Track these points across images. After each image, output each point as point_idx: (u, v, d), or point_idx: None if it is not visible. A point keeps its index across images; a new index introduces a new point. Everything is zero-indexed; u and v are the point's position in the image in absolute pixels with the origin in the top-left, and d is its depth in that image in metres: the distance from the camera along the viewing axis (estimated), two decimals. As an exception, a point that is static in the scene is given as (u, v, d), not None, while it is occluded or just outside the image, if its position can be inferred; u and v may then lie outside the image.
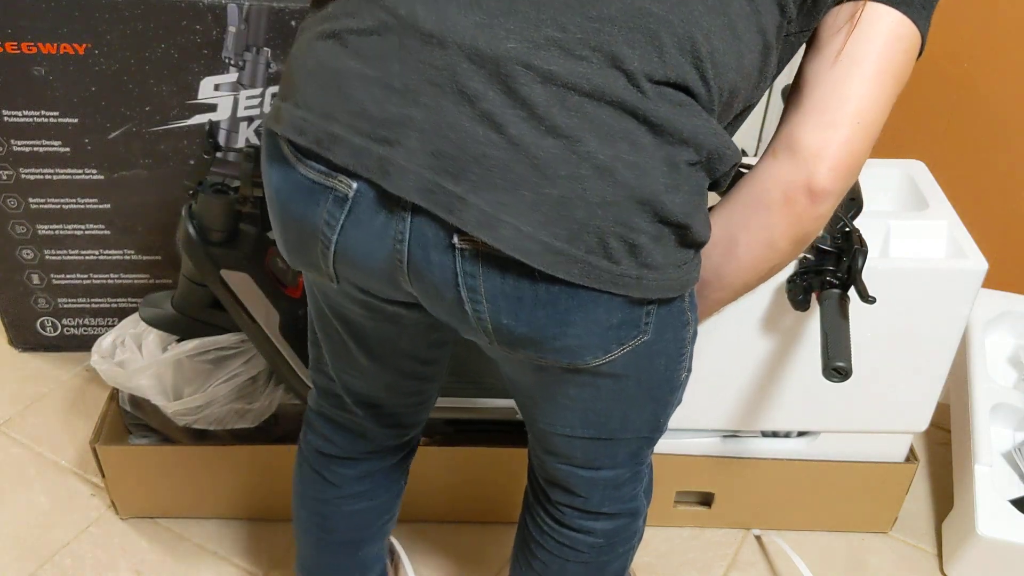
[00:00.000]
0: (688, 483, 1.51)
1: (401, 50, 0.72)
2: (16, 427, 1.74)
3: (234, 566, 1.50)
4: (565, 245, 0.72)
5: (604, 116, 0.71)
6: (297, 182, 0.78)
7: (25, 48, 1.51)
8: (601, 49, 0.71)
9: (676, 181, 0.74)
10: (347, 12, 0.76)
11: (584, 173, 0.71)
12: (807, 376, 1.34)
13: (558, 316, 0.76)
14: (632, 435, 0.96)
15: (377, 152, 0.73)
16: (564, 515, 1.04)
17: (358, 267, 0.80)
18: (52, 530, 1.55)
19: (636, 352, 0.83)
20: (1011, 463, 1.52)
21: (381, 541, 1.24)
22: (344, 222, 0.76)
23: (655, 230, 0.74)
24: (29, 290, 1.80)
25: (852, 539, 1.56)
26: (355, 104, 0.73)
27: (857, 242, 1.12)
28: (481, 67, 0.71)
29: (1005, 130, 1.69)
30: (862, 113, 0.78)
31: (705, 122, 0.75)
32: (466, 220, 0.71)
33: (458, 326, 0.82)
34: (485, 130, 0.71)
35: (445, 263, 0.75)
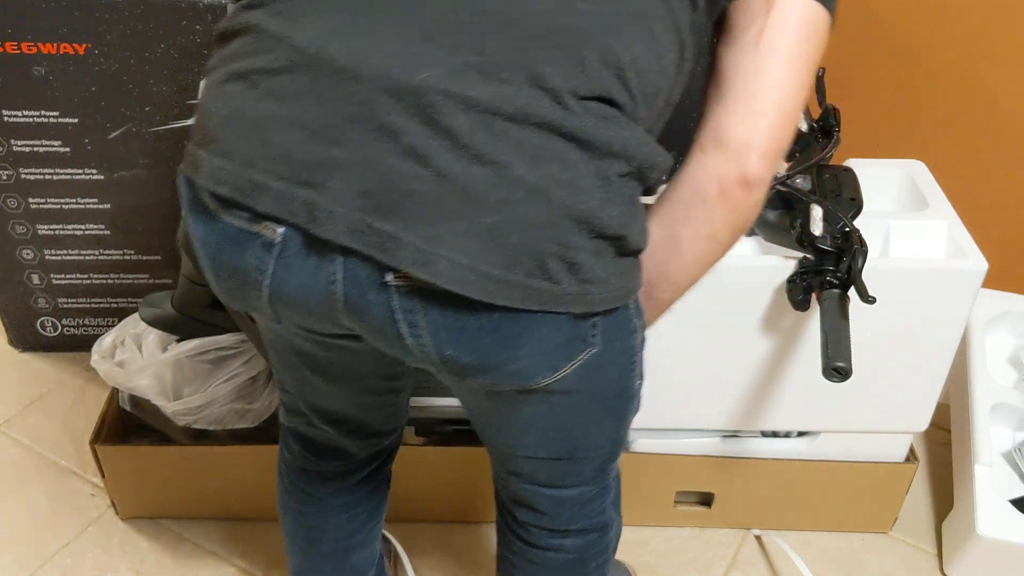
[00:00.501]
0: (688, 483, 1.51)
1: (315, 89, 0.70)
2: (16, 427, 1.74)
3: (234, 566, 1.50)
4: (503, 272, 0.71)
5: (531, 138, 0.70)
6: (222, 231, 0.75)
7: (25, 48, 1.51)
8: (522, 69, 0.69)
9: (609, 194, 0.73)
10: (254, 50, 0.73)
11: (517, 197, 0.70)
12: (807, 376, 1.34)
13: (505, 342, 0.75)
14: (595, 451, 0.96)
15: (302, 196, 0.70)
16: (531, 535, 1.04)
17: (295, 309, 0.78)
18: (52, 530, 1.55)
19: (587, 365, 0.82)
20: (1011, 463, 1.52)
21: (372, 544, 1.23)
22: (274, 267, 0.74)
23: (593, 245, 0.74)
24: (29, 290, 1.80)
25: (852, 539, 1.56)
26: (274, 149, 0.71)
27: (857, 242, 1.12)
28: (399, 100, 0.68)
29: (1005, 130, 1.69)
30: (784, 100, 0.79)
31: (633, 133, 0.74)
32: (400, 258, 0.70)
33: (404, 358, 0.80)
34: (411, 164, 0.69)
35: (382, 301, 0.73)
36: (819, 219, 1.15)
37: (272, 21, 0.73)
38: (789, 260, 1.22)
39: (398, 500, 1.53)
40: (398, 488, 1.51)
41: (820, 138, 1.28)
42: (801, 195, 1.19)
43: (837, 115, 1.28)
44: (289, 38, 0.71)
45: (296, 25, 0.72)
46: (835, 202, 1.22)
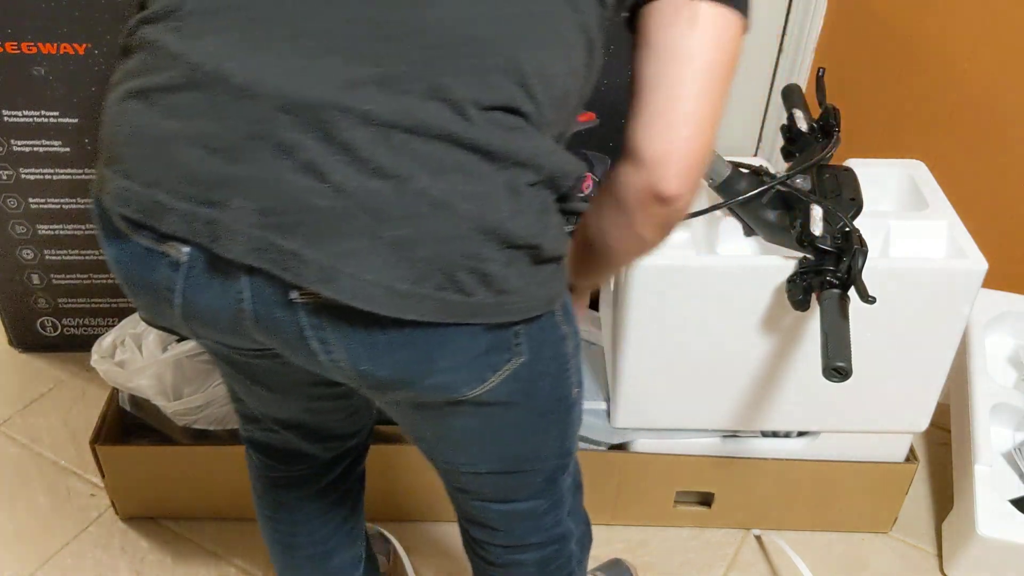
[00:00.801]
0: (688, 483, 1.51)
1: (213, 107, 0.69)
2: (16, 427, 1.74)
3: (234, 566, 1.50)
4: (411, 287, 0.70)
5: (432, 150, 0.69)
6: (132, 251, 0.75)
7: (25, 48, 1.51)
8: (421, 81, 0.68)
9: (519, 205, 0.72)
10: (152, 68, 0.72)
11: (421, 211, 0.69)
12: (807, 376, 1.34)
13: (420, 355, 0.74)
14: (541, 463, 0.95)
15: (204, 216, 0.70)
16: (489, 552, 1.04)
17: (209, 326, 0.78)
18: (52, 530, 1.55)
19: (517, 376, 0.81)
20: (1011, 463, 1.52)
21: (353, 548, 1.22)
22: (183, 286, 0.74)
23: (505, 256, 0.73)
24: (29, 290, 1.80)
25: (852, 539, 1.56)
26: (176, 169, 0.70)
27: (857, 242, 1.12)
28: (297, 116, 0.67)
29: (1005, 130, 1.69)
30: (697, 112, 0.77)
31: (541, 142, 0.73)
32: (302, 276, 0.69)
33: (322, 373, 0.79)
34: (310, 181, 0.68)
35: (289, 319, 0.73)
36: (819, 219, 1.15)
37: (169, 38, 0.72)
38: (789, 260, 1.22)
39: (398, 500, 1.53)
40: (398, 488, 1.51)
41: (820, 138, 1.28)
42: (801, 195, 1.20)
43: (837, 115, 1.28)
44: (186, 55, 0.70)
45: (193, 42, 0.71)
46: (835, 202, 1.22)
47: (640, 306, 1.28)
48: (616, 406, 1.41)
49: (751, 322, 1.29)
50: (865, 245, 1.12)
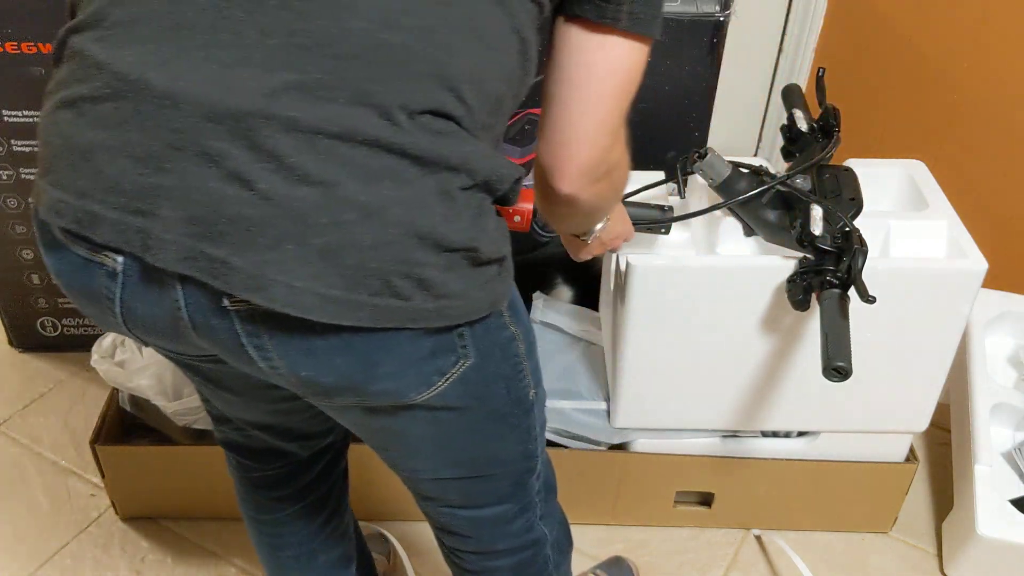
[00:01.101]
0: (688, 483, 1.51)
1: (138, 116, 0.69)
2: (16, 427, 1.74)
3: (234, 566, 1.50)
4: (343, 293, 0.70)
5: (360, 156, 0.68)
6: (71, 261, 0.76)
7: (25, 48, 1.51)
8: (346, 87, 0.68)
9: (453, 209, 0.72)
10: (79, 78, 0.72)
11: (348, 218, 0.68)
12: (807, 376, 1.34)
13: (360, 360, 0.74)
14: (504, 467, 0.95)
15: (135, 225, 0.70)
16: (463, 560, 1.04)
17: (151, 333, 0.78)
18: (52, 530, 1.55)
19: (466, 380, 0.81)
20: (1011, 463, 1.52)
21: (340, 546, 1.21)
22: (121, 295, 0.75)
23: (443, 261, 0.73)
24: (29, 290, 1.80)
25: (852, 539, 1.56)
26: (105, 179, 0.70)
27: (857, 242, 1.12)
28: (220, 124, 0.67)
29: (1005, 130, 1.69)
30: (588, 132, 0.81)
31: (473, 147, 0.73)
32: (232, 284, 0.69)
33: (265, 379, 0.79)
34: (236, 189, 0.68)
35: (225, 326, 0.73)
36: (819, 219, 1.15)
37: (95, 47, 0.72)
38: (789, 260, 1.22)
39: (398, 500, 1.53)
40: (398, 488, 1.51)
41: (820, 138, 1.28)
42: (801, 195, 1.20)
43: (837, 115, 1.28)
44: (111, 65, 0.70)
45: (118, 52, 0.71)
46: (835, 202, 1.22)
47: (640, 306, 1.28)
48: (616, 406, 1.41)
49: (751, 322, 1.29)
50: (865, 245, 1.12)
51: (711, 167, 1.20)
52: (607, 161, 0.84)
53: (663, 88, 1.52)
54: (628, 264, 1.24)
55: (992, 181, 1.74)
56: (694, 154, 1.21)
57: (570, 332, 1.59)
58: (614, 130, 0.83)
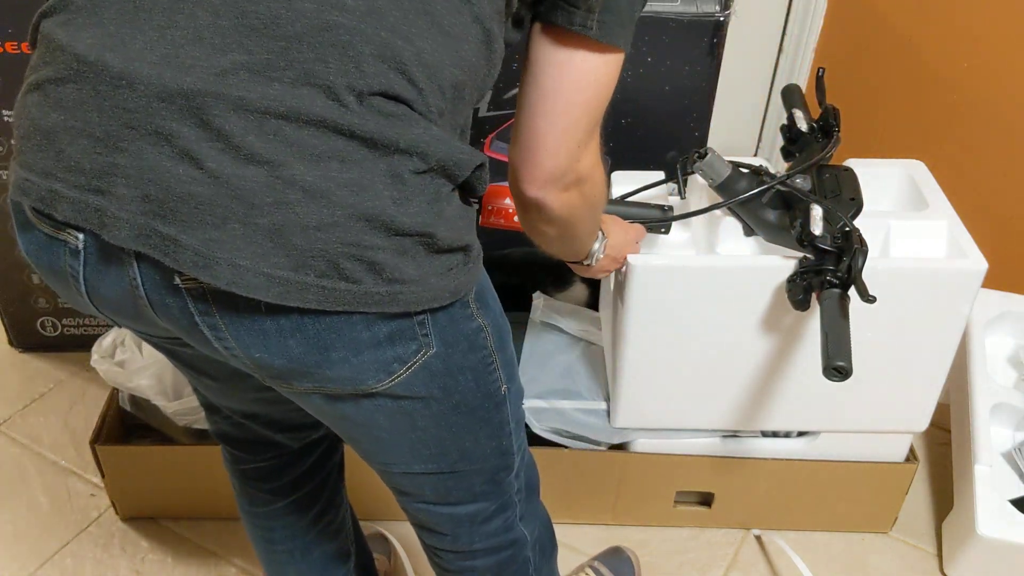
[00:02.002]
0: (688, 483, 1.52)
1: (96, 96, 0.71)
2: (16, 427, 1.75)
3: (234, 566, 1.50)
4: (290, 274, 0.70)
5: (306, 137, 0.69)
6: (38, 240, 0.78)
7: (25, 48, 1.51)
8: (293, 68, 0.69)
9: (404, 192, 0.72)
10: (46, 61, 0.75)
11: (293, 198, 0.69)
12: (807, 376, 1.34)
13: (311, 343, 0.74)
14: (477, 464, 0.94)
15: (93, 203, 0.72)
16: (442, 559, 1.03)
17: (116, 312, 0.79)
18: (52, 530, 1.55)
19: (430, 369, 0.81)
20: (1011, 463, 1.52)
21: (336, 540, 1.21)
22: (84, 272, 0.76)
23: (395, 244, 0.73)
24: (29, 290, 1.80)
25: (852, 539, 1.56)
26: (66, 158, 0.72)
27: (857, 242, 1.12)
28: (172, 103, 0.69)
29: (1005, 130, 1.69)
30: (555, 141, 0.82)
31: (424, 130, 0.73)
32: (181, 262, 0.70)
33: (223, 362, 0.80)
34: (186, 168, 0.69)
35: (179, 304, 0.74)
36: (819, 219, 1.15)
37: (59, 31, 0.74)
38: (789, 260, 1.22)
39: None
40: (398, 488, 1.51)
41: (820, 138, 1.28)
42: (801, 195, 1.20)
43: (837, 115, 1.28)
44: (71, 47, 0.73)
45: (77, 34, 0.73)
46: (835, 202, 1.22)
47: (640, 306, 1.28)
48: (616, 406, 1.41)
49: (751, 322, 1.29)
50: (865, 245, 1.12)
51: (711, 167, 1.20)
52: (574, 170, 0.85)
53: (663, 88, 1.52)
54: (628, 264, 1.24)
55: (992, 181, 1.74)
56: (694, 154, 1.21)
57: (570, 332, 1.59)
58: (582, 140, 0.83)
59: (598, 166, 0.89)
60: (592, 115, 0.83)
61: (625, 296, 1.27)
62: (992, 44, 1.63)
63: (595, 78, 0.81)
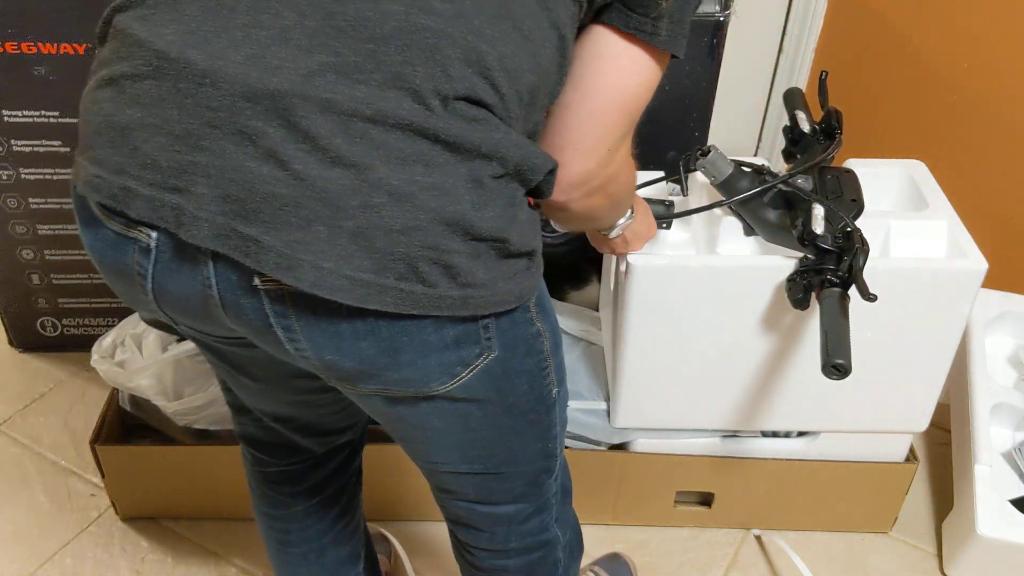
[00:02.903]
0: (688, 483, 1.52)
1: (177, 94, 0.70)
2: (16, 427, 1.74)
3: (234, 566, 1.50)
4: (372, 276, 0.70)
5: (392, 140, 0.69)
6: (105, 237, 0.77)
7: (25, 48, 1.51)
8: (381, 70, 0.69)
9: (483, 197, 0.72)
10: (122, 56, 0.74)
11: (378, 201, 0.69)
12: (807, 376, 1.34)
13: (383, 345, 0.74)
14: (522, 466, 0.94)
15: (170, 201, 0.71)
16: (475, 556, 1.03)
17: (181, 312, 0.79)
18: (52, 530, 1.55)
19: (490, 372, 0.81)
20: (1011, 463, 1.52)
21: (349, 543, 1.22)
22: (153, 271, 0.75)
23: (470, 248, 0.73)
24: (29, 290, 1.80)
25: (852, 539, 1.56)
26: (142, 156, 0.72)
27: (858, 241, 1.12)
28: (257, 103, 0.68)
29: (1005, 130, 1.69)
30: (580, 141, 0.81)
31: (505, 135, 0.73)
32: (263, 263, 0.69)
33: (291, 362, 0.80)
34: (270, 168, 0.68)
35: (254, 305, 0.73)
36: (821, 218, 1.15)
37: (137, 26, 0.73)
38: (789, 260, 1.22)
39: (398, 500, 1.53)
40: (398, 488, 1.51)
41: (822, 140, 1.28)
42: (803, 194, 1.20)
43: (839, 117, 1.28)
44: (151, 43, 0.72)
45: (158, 30, 0.72)
46: (836, 203, 1.22)
47: (640, 306, 1.28)
48: (616, 406, 1.41)
49: (751, 322, 1.29)
50: (866, 244, 1.12)
51: (713, 165, 1.20)
52: (601, 176, 0.84)
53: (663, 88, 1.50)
54: (628, 264, 1.24)
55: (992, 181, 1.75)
56: (697, 151, 1.21)
57: (570, 332, 1.59)
58: (614, 146, 0.83)
59: (627, 164, 0.89)
60: (630, 120, 0.82)
61: (625, 296, 1.27)
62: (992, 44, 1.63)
63: (639, 83, 0.81)
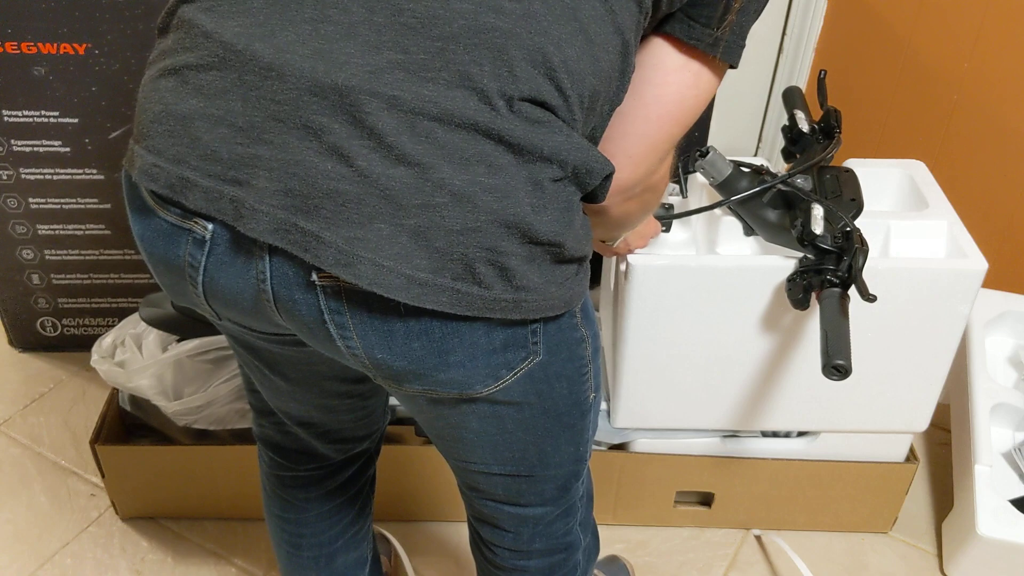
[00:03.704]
0: (688, 483, 1.52)
1: (242, 86, 0.70)
2: (16, 427, 1.75)
3: (234, 566, 1.50)
4: (429, 276, 0.70)
5: (456, 140, 0.68)
6: (157, 226, 0.76)
7: (25, 48, 1.51)
8: (448, 69, 0.68)
9: (542, 200, 0.72)
10: (186, 47, 0.73)
11: (440, 201, 0.68)
12: (807, 376, 1.34)
13: (434, 346, 0.74)
14: (553, 470, 0.94)
15: (229, 193, 0.71)
16: (496, 555, 1.03)
17: (230, 306, 0.78)
18: (52, 530, 1.55)
19: (532, 376, 0.81)
20: (1011, 463, 1.52)
21: (359, 548, 1.22)
22: (206, 263, 0.75)
23: (526, 252, 0.72)
24: (29, 290, 1.80)
25: (852, 539, 1.56)
26: (203, 147, 0.71)
27: (858, 241, 1.12)
28: (324, 98, 0.68)
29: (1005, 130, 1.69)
30: (633, 148, 0.81)
31: (567, 138, 0.73)
32: (322, 258, 0.69)
33: (339, 360, 0.79)
34: (334, 164, 0.68)
35: (309, 301, 0.73)
36: (820, 218, 1.15)
37: (203, 17, 0.73)
38: (789, 260, 1.22)
39: (398, 500, 1.53)
40: (398, 488, 1.51)
41: (821, 139, 1.28)
42: (802, 194, 1.20)
43: (838, 117, 1.28)
44: (217, 34, 0.71)
45: (224, 22, 0.72)
46: (836, 202, 1.22)
47: (640, 306, 1.28)
48: (616, 406, 1.41)
49: (751, 322, 1.29)
50: (866, 244, 1.12)
51: (712, 165, 1.20)
52: (647, 182, 0.84)
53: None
54: (628, 264, 1.24)
55: (992, 181, 1.75)
56: (696, 152, 1.21)
57: (570, 332, 1.59)
58: (664, 154, 0.83)
59: (667, 177, 0.89)
60: (683, 130, 0.82)
61: (625, 296, 1.27)
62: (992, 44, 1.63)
63: (696, 95, 0.81)
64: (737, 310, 1.28)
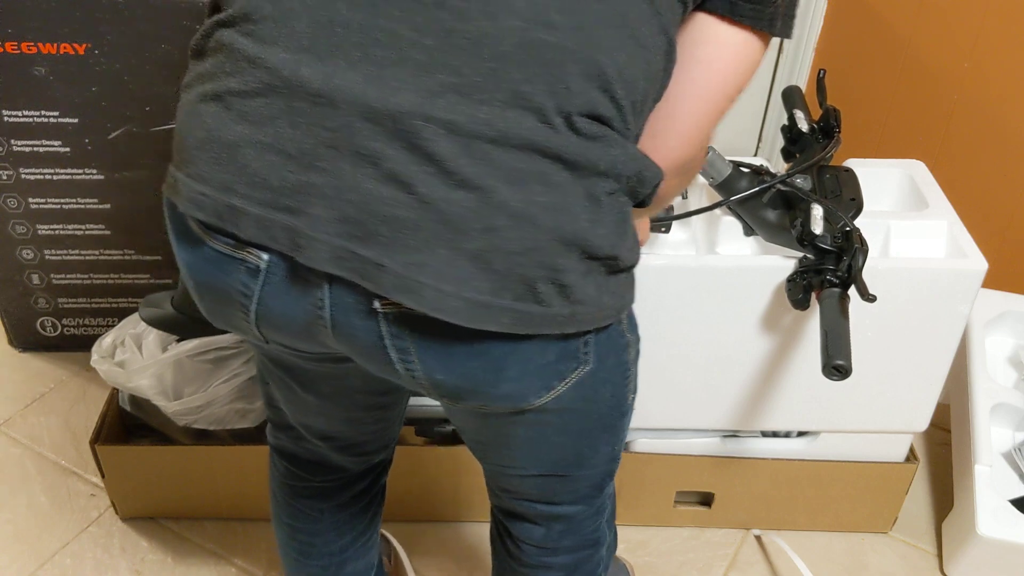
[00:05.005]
0: (688, 483, 1.51)
1: (290, 113, 0.68)
2: (16, 427, 1.74)
3: (234, 566, 1.50)
4: (490, 298, 0.69)
5: (511, 159, 0.68)
6: (206, 255, 0.75)
7: (25, 48, 1.51)
8: (502, 89, 0.67)
9: (598, 214, 0.72)
10: (228, 71, 0.72)
11: (500, 224, 0.68)
12: (807, 376, 1.34)
13: (491, 364, 0.74)
14: (589, 470, 0.95)
15: (282, 222, 0.69)
16: (523, 552, 1.03)
17: (282, 331, 0.77)
18: (52, 530, 1.55)
19: (581, 384, 0.81)
20: (1011, 463, 1.52)
21: (367, 555, 1.22)
22: (260, 293, 0.74)
23: (583, 267, 0.72)
24: (29, 290, 1.80)
25: (852, 539, 1.56)
26: (251, 174, 0.70)
27: (857, 241, 1.12)
28: (378, 124, 0.67)
29: (1005, 130, 1.69)
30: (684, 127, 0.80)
31: (622, 150, 0.72)
32: (383, 285, 0.69)
33: (392, 380, 0.79)
34: (391, 190, 0.67)
35: (369, 327, 0.72)
36: (820, 218, 1.15)
37: (244, 41, 0.71)
38: (789, 260, 1.22)
39: (398, 500, 1.53)
40: (398, 488, 1.51)
41: (820, 139, 1.28)
42: (802, 194, 1.20)
43: (838, 116, 1.28)
44: (263, 60, 0.70)
45: (269, 47, 0.70)
46: (835, 202, 1.22)
47: (640, 306, 1.27)
48: (616, 406, 1.41)
49: (751, 322, 1.29)
50: (866, 244, 1.12)
51: (712, 165, 1.20)
52: (696, 159, 0.83)
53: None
54: (628, 264, 1.24)
55: (992, 181, 1.75)
56: (695, 153, 1.21)
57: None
58: (712, 129, 0.82)
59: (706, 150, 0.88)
60: (732, 103, 0.81)
61: (625, 296, 1.27)
62: (992, 44, 1.63)
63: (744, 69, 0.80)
64: (737, 310, 1.28)
